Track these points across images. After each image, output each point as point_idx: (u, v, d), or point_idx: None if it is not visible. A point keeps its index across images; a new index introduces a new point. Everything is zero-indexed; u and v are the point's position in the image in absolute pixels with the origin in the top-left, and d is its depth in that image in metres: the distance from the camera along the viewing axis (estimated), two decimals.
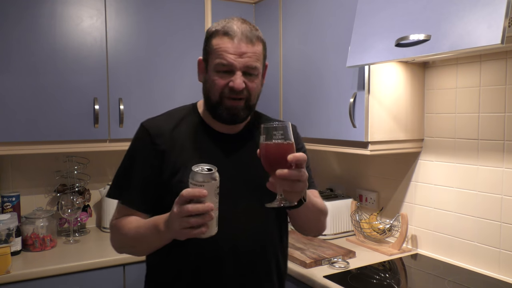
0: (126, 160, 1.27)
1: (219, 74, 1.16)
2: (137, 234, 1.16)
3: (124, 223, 1.21)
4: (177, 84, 2.33)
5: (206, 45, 1.21)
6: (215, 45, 1.16)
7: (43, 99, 2.02)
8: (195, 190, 0.93)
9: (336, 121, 1.97)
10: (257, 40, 1.17)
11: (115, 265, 1.95)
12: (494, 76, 1.71)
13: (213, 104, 1.19)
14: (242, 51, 1.14)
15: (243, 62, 1.15)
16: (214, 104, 1.19)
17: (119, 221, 1.23)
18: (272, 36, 2.41)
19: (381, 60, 1.60)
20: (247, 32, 1.16)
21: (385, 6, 1.62)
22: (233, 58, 1.14)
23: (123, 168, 1.26)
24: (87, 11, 2.11)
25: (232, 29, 1.15)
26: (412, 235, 2.06)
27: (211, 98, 1.19)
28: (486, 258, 1.75)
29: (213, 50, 1.17)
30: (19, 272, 1.78)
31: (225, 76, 1.16)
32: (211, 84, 1.18)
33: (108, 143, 2.19)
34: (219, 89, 1.17)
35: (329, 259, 1.83)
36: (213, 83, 1.17)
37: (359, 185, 2.37)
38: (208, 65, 1.19)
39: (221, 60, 1.14)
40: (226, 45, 1.14)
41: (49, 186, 2.39)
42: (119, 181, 1.26)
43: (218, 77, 1.16)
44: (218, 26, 1.18)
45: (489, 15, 1.24)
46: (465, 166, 1.83)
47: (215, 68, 1.16)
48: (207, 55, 1.20)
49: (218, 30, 1.17)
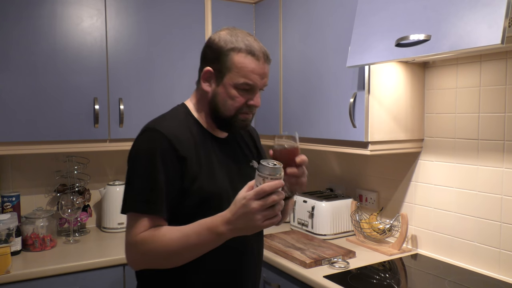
0: (146, 169, 1.16)
1: (240, 92, 1.21)
2: (186, 243, 1.10)
3: (158, 235, 1.13)
4: (176, 84, 2.33)
5: (223, 58, 1.21)
6: (239, 63, 1.19)
7: (43, 99, 2.02)
8: (276, 182, 1.02)
9: (336, 121, 1.97)
10: (270, 60, 1.26)
11: (115, 265, 1.95)
12: (494, 76, 1.71)
13: (225, 117, 1.24)
14: (264, 72, 1.22)
15: (263, 83, 1.23)
16: (227, 118, 1.24)
17: (150, 235, 1.13)
18: (272, 36, 2.41)
19: (381, 60, 1.60)
20: (266, 52, 1.23)
21: (385, 6, 1.62)
22: (258, 79, 1.21)
23: (147, 178, 1.16)
24: (87, 11, 2.11)
25: (255, 48, 1.21)
26: (412, 235, 2.06)
27: (222, 111, 1.24)
28: (486, 258, 1.75)
29: (237, 68, 1.20)
30: (19, 272, 1.78)
31: (245, 93, 1.22)
32: (226, 99, 1.22)
33: (108, 143, 2.19)
34: (238, 106, 1.22)
35: (329, 259, 1.83)
36: (232, 99, 1.21)
37: (359, 185, 2.37)
38: (225, 79, 1.21)
39: (246, 80, 1.20)
40: (252, 66, 1.20)
41: (49, 186, 2.39)
42: (145, 194, 1.16)
43: (239, 95, 1.22)
44: (239, 43, 1.20)
45: (489, 15, 1.24)
46: (465, 166, 1.83)
47: (238, 86, 1.21)
48: (224, 69, 1.21)
49: (241, 48, 1.20)
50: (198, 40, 2.39)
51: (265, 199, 1.01)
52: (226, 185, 1.25)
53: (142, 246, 1.13)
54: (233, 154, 1.34)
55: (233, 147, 1.36)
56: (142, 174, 1.16)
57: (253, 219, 1.02)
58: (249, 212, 1.02)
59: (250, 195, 1.02)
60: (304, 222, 2.29)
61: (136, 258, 1.18)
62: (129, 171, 1.20)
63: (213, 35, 1.26)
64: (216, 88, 1.24)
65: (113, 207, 2.36)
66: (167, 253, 1.12)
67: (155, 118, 1.30)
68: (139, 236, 1.13)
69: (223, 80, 1.22)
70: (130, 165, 1.21)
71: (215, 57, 1.22)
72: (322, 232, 2.19)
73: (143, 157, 1.18)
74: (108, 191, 2.38)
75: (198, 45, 2.36)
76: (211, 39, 1.25)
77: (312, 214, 2.23)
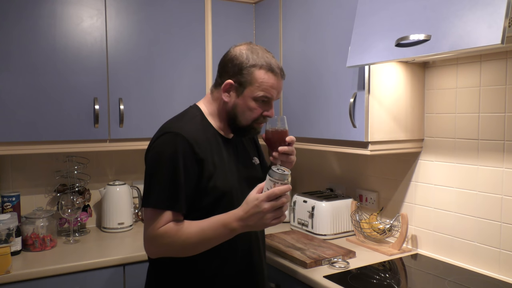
0: (169, 170, 1.27)
1: (258, 103, 1.37)
2: (202, 236, 1.26)
3: (178, 229, 1.27)
4: (177, 84, 2.33)
5: (245, 73, 1.34)
6: (260, 78, 1.34)
7: (43, 99, 2.02)
8: (285, 187, 1.19)
9: (336, 121, 1.97)
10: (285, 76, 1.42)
11: (115, 265, 1.95)
12: (494, 76, 1.71)
13: (242, 126, 1.40)
14: (280, 86, 1.40)
15: (278, 96, 1.41)
16: (244, 126, 1.40)
17: (170, 229, 1.26)
18: (272, 36, 2.41)
19: (381, 60, 1.60)
20: (282, 69, 1.40)
21: (385, 6, 1.62)
22: (275, 93, 1.38)
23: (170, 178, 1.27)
24: (87, 11, 2.11)
25: (274, 65, 1.36)
26: (412, 235, 2.06)
27: (240, 120, 1.39)
28: (486, 258, 1.75)
29: (257, 82, 1.34)
30: (19, 272, 1.78)
31: (262, 105, 1.38)
32: (245, 110, 1.37)
33: (108, 143, 2.19)
34: (255, 117, 1.38)
35: (329, 259, 1.83)
36: (250, 110, 1.37)
37: (359, 185, 2.37)
38: (245, 91, 1.36)
39: (266, 94, 1.35)
40: (271, 81, 1.35)
41: (49, 186, 2.39)
42: (167, 191, 1.27)
43: (257, 106, 1.37)
44: (260, 60, 1.35)
45: (489, 15, 1.24)
46: (465, 166, 1.83)
47: (257, 98, 1.36)
48: (245, 83, 1.35)
49: (262, 65, 1.34)
50: (198, 40, 2.39)
51: (275, 201, 1.18)
52: (235, 183, 1.40)
53: (162, 239, 1.26)
54: (239, 153, 1.48)
55: (238, 146, 1.50)
56: (165, 174, 1.27)
57: (264, 218, 1.19)
58: (260, 212, 1.18)
59: (262, 197, 1.18)
60: (304, 222, 2.29)
61: (155, 250, 1.31)
62: (152, 170, 1.31)
63: (234, 50, 1.39)
64: (236, 99, 1.38)
65: (113, 207, 2.36)
66: (185, 245, 1.26)
67: (172, 119, 1.42)
68: (160, 229, 1.26)
69: (243, 93, 1.36)
70: (153, 164, 1.31)
71: (236, 71, 1.36)
72: (322, 232, 2.19)
73: (166, 158, 1.28)
74: (108, 191, 2.38)
75: (198, 45, 2.39)
76: (232, 54, 1.38)
77: (312, 214, 2.23)
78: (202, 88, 2.40)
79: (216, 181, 1.33)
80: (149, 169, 1.32)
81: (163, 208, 1.27)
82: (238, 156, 1.47)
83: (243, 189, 1.39)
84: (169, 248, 1.29)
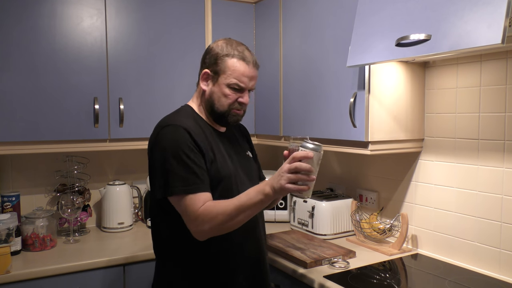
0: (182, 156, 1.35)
1: (232, 91, 1.46)
2: (239, 204, 1.30)
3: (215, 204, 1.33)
4: (177, 84, 2.33)
5: (219, 62, 1.45)
6: (232, 66, 1.44)
7: (43, 98, 2.02)
8: (305, 152, 1.24)
9: (336, 121, 1.97)
10: (258, 66, 1.51)
11: (115, 265, 1.95)
12: (494, 76, 1.71)
13: (220, 112, 1.47)
14: (252, 75, 1.48)
15: (251, 85, 1.49)
16: (221, 112, 1.47)
17: (209, 206, 1.33)
18: (272, 35, 2.41)
19: (381, 60, 1.60)
20: (255, 60, 1.49)
21: (385, 6, 1.62)
22: (247, 81, 1.46)
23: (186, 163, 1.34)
24: (87, 11, 2.11)
25: (246, 56, 1.46)
26: (412, 235, 2.06)
27: (217, 107, 1.47)
28: (487, 258, 1.75)
29: (230, 70, 1.44)
30: (19, 272, 1.78)
31: (236, 92, 1.46)
32: (220, 96, 1.46)
33: (108, 143, 2.19)
34: (230, 102, 1.46)
35: (329, 259, 1.83)
36: (225, 96, 1.46)
37: (359, 185, 2.37)
38: (219, 79, 1.46)
39: (237, 82, 1.44)
40: (243, 70, 1.45)
41: (49, 185, 2.39)
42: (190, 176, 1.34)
43: (231, 93, 1.46)
44: (233, 50, 1.46)
45: (489, 15, 1.24)
46: (466, 166, 1.83)
47: (230, 85, 1.45)
48: (219, 71, 1.46)
49: (234, 54, 1.45)
50: (198, 40, 2.39)
51: (291, 164, 1.23)
52: (233, 169, 1.48)
53: (205, 216, 1.31)
54: (233, 145, 1.57)
55: (231, 139, 1.59)
56: (180, 161, 1.34)
57: (281, 179, 1.24)
58: (280, 171, 1.25)
59: (288, 159, 1.25)
60: (304, 222, 2.29)
61: (202, 229, 1.33)
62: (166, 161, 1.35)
63: (212, 44, 1.52)
64: (212, 87, 1.48)
65: (113, 207, 2.36)
66: (226, 215, 1.30)
67: (168, 115, 1.50)
68: (200, 209, 1.32)
69: (218, 80, 1.46)
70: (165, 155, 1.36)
71: (212, 61, 1.47)
72: (322, 232, 2.19)
73: (177, 147, 1.36)
74: (108, 191, 2.38)
75: (198, 45, 2.39)
76: (210, 47, 1.51)
77: (312, 214, 2.23)
78: None
79: (218, 166, 1.42)
80: (161, 161, 1.36)
81: (194, 192, 1.33)
82: (232, 147, 1.56)
83: (241, 177, 1.50)
84: (213, 224, 1.31)
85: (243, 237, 1.47)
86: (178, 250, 1.44)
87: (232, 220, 1.32)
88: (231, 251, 1.45)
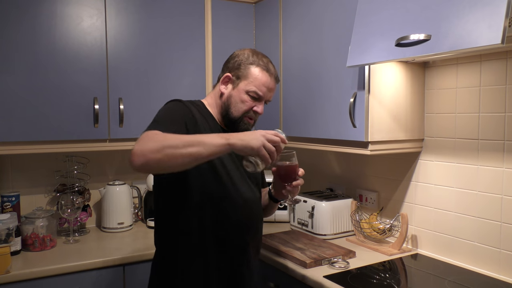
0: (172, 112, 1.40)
1: (249, 98, 1.49)
2: (195, 137, 1.20)
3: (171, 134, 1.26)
4: (176, 84, 2.33)
5: (243, 68, 1.49)
6: (254, 74, 1.48)
7: (43, 99, 2.02)
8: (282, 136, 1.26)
9: (336, 121, 1.97)
10: (278, 81, 1.56)
11: (115, 265, 1.95)
12: (494, 76, 1.71)
13: (234, 117, 1.50)
14: (272, 87, 1.51)
15: (269, 96, 1.53)
16: (235, 117, 1.50)
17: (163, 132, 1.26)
18: (272, 36, 2.41)
19: (381, 60, 1.60)
20: (277, 73, 1.54)
21: (385, 6, 1.62)
22: (266, 92, 1.50)
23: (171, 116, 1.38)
24: (87, 11, 2.11)
25: (270, 68, 1.51)
26: (412, 235, 2.06)
27: (232, 111, 1.50)
28: (486, 258, 1.75)
29: (252, 78, 1.48)
30: (19, 272, 1.78)
31: (253, 100, 1.49)
32: (237, 101, 1.49)
33: (108, 143, 2.19)
34: (246, 109, 1.49)
35: (329, 259, 1.83)
36: (242, 102, 1.48)
37: (359, 185, 2.37)
38: (240, 84, 1.49)
39: (257, 90, 1.48)
40: (264, 80, 1.49)
41: (49, 186, 2.39)
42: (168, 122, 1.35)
43: (249, 100, 1.49)
44: (258, 60, 1.50)
45: (489, 15, 1.24)
46: (465, 166, 1.83)
47: (249, 92, 1.48)
48: (241, 77, 1.49)
49: (259, 64, 1.49)
50: (198, 40, 2.39)
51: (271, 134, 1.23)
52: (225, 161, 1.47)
53: (154, 134, 1.22)
54: None
55: None
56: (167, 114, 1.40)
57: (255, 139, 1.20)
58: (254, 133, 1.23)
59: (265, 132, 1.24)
60: (304, 222, 2.29)
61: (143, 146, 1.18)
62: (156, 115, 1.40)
63: (238, 50, 1.55)
64: (231, 91, 1.51)
65: (113, 207, 2.36)
66: (178, 140, 1.18)
67: None
68: (154, 131, 1.25)
69: (238, 85, 1.49)
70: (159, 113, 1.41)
71: (236, 66, 1.51)
72: (322, 232, 2.19)
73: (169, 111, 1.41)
74: (108, 191, 2.38)
75: (198, 45, 2.39)
76: (236, 53, 1.55)
77: (312, 214, 2.23)
78: (202, 88, 2.40)
79: None
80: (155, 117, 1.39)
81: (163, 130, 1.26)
82: None
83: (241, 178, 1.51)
84: (160, 143, 1.17)
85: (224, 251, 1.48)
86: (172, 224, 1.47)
87: (179, 148, 1.16)
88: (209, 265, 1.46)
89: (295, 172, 1.46)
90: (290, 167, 1.46)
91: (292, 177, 1.46)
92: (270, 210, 1.73)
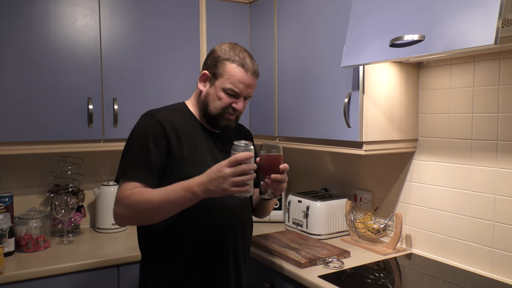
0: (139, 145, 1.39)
1: (227, 95, 1.46)
2: (165, 198, 1.29)
3: (142, 191, 1.34)
4: (171, 84, 2.32)
5: (219, 65, 1.46)
6: (230, 71, 1.45)
7: (37, 99, 2.01)
8: (246, 153, 1.22)
9: (331, 121, 1.97)
10: (258, 75, 1.51)
11: (109, 265, 1.94)
12: (487, 76, 1.72)
13: (212, 114, 1.48)
14: (250, 83, 1.47)
15: (247, 92, 1.49)
16: (214, 114, 1.48)
17: (135, 190, 1.34)
18: (267, 36, 2.41)
19: (375, 60, 1.61)
20: (255, 68, 1.49)
21: (379, 6, 1.62)
22: (243, 88, 1.46)
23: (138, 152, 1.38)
24: (81, 11, 2.10)
25: (247, 63, 1.46)
26: (407, 235, 2.07)
27: (210, 109, 1.48)
28: (480, 258, 1.76)
29: (228, 74, 1.45)
30: (12, 273, 1.76)
31: (231, 97, 1.47)
32: (215, 99, 1.47)
33: (102, 143, 2.18)
34: (223, 106, 1.47)
35: (324, 259, 1.84)
36: (219, 99, 1.46)
37: (353, 185, 2.37)
38: (216, 82, 1.47)
39: (233, 87, 1.45)
40: (240, 76, 1.45)
41: (42, 186, 2.37)
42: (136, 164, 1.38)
43: (226, 97, 1.46)
44: (234, 56, 1.46)
45: (482, 16, 1.25)
46: (459, 166, 1.84)
47: (225, 90, 1.46)
48: (217, 74, 1.47)
49: (235, 59, 1.45)
50: (193, 40, 2.38)
51: (236, 167, 1.21)
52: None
53: (128, 199, 1.32)
54: (222, 146, 1.55)
55: (223, 141, 1.57)
56: (136, 149, 1.40)
57: (223, 183, 1.21)
58: (221, 176, 1.22)
59: (224, 163, 1.23)
60: (299, 222, 2.29)
61: (122, 212, 1.35)
62: (125, 146, 1.44)
63: (216, 46, 1.52)
64: (208, 88, 1.49)
65: (107, 208, 2.35)
66: (149, 205, 1.30)
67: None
68: (126, 192, 1.34)
69: (214, 83, 1.47)
70: (127, 142, 1.44)
71: (213, 63, 1.48)
72: (316, 232, 2.20)
73: (138, 135, 1.42)
74: (102, 191, 2.37)
75: (193, 45, 2.39)
76: (214, 49, 1.52)
77: (307, 214, 2.23)
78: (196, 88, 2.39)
79: (185, 164, 1.41)
80: (125, 146, 1.44)
81: (131, 179, 1.36)
82: (222, 149, 1.54)
83: None
84: (134, 210, 1.32)
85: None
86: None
87: (154, 212, 1.32)
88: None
89: (276, 164, 1.38)
90: (270, 158, 1.38)
91: (274, 170, 1.37)
92: (264, 209, 1.68)
